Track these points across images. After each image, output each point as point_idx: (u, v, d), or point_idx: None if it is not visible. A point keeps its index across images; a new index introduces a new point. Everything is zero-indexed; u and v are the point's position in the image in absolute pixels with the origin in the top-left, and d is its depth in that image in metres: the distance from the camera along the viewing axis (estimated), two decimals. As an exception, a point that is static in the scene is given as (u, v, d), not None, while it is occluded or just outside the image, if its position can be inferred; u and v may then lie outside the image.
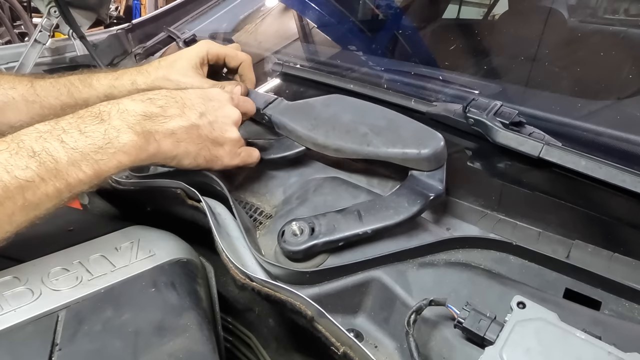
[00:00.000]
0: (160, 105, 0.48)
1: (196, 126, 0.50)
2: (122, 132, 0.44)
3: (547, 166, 0.51)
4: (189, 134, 0.49)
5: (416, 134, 0.52)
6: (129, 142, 0.44)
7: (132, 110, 0.46)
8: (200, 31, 1.03)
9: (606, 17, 0.95)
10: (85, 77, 0.63)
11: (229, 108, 0.54)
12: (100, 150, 0.42)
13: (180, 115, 0.49)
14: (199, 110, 0.51)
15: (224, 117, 0.53)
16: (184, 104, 0.50)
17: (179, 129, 0.48)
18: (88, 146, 0.42)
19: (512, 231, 0.50)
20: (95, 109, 0.45)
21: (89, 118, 0.44)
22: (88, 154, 0.42)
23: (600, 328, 0.35)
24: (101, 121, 0.44)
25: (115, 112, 0.45)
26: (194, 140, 0.50)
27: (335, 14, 1.11)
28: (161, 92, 0.50)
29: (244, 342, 0.56)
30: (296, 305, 0.40)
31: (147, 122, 0.46)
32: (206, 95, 0.53)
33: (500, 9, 1.16)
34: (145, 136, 0.46)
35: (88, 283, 0.43)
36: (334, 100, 0.61)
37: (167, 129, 0.47)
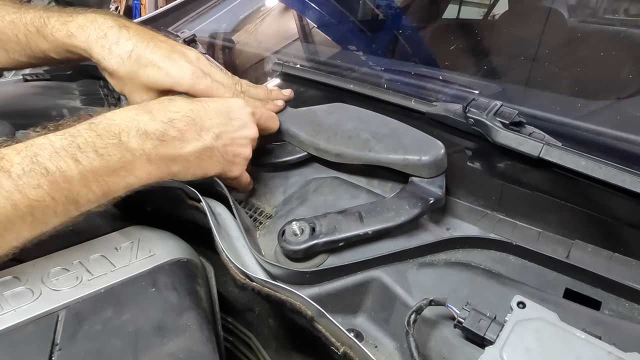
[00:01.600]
0: (180, 128, 0.47)
1: (209, 149, 0.49)
2: (137, 157, 0.43)
3: (547, 166, 0.52)
4: (200, 157, 0.48)
5: (417, 142, 0.53)
6: (142, 168, 0.44)
7: (151, 132, 0.45)
8: (200, 31, 1.03)
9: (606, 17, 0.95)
10: (41, 26, 0.57)
11: (249, 128, 0.52)
12: (113, 173, 0.42)
13: (196, 139, 0.48)
14: (216, 131, 0.49)
15: (241, 139, 0.52)
16: (202, 127, 0.49)
17: (192, 154, 0.48)
18: (102, 168, 0.41)
19: (512, 231, 0.50)
20: (115, 127, 0.43)
21: (107, 137, 0.42)
22: (101, 176, 0.41)
23: (600, 328, 0.35)
24: (119, 142, 0.43)
25: (135, 133, 0.44)
26: (204, 161, 0.49)
27: (335, 14, 1.11)
28: (182, 109, 0.48)
29: (244, 342, 0.56)
30: (296, 305, 0.40)
31: (163, 147, 0.45)
32: (228, 112, 0.51)
33: (500, 9, 1.16)
34: (159, 164, 0.45)
35: (88, 283, 0.43)
36: (337, 109, 0.61)
37: (180, 156, 0.47)
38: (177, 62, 0.55)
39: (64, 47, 0.57)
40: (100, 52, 0.55)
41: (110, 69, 0.55)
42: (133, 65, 0.54)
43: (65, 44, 0.56)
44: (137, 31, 0.56)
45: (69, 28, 0.56)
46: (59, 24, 0.56)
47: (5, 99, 0.77)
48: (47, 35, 0.56)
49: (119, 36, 0.55)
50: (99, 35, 0.55)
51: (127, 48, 0.54)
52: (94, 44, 0.55)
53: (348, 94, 0.73)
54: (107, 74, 0.57)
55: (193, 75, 0.55)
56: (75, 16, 0.56)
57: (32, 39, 0.58)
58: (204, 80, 0.56)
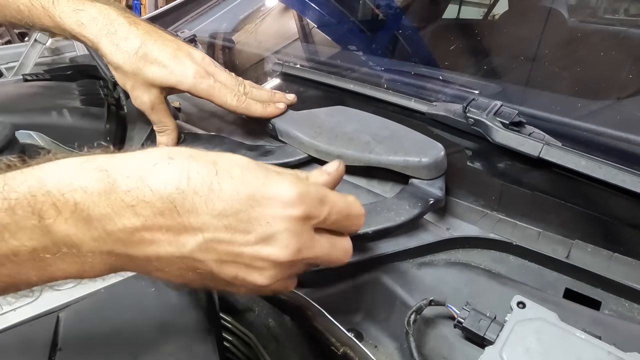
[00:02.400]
0: (145, 215, 0.28)
1: (188, 258, 0.30)
2: (71, 249, 0.28)
3: (547, 166, 0.51)
4: (171, 265, 0.31)
5: (418, 144, 0.53)
6: (69, 261, 0.28)
7: (96, 218, 0.28)
8: (200, 31, 1.03)
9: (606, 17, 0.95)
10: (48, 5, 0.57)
11: (280, 244, 0.30)
12: (35, 263, 0.28)
13: (169, 242, 0.29)
14: (208, 235, 0.29)
15: (255, 260, 0.30)
16: (188, 223, 0.29)
17: (155, 258, 0.30)
18: (15, 259, 0.27)
19: (512, 231, 0.50)
20: (41, 197, 0.27)
21: (23, 212, 0.27)
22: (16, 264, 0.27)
23: (600, 328, 0.35)
24: (37, 225, 0.27)
25: (68, 214, 0.27)
26: (181, 270, 0.31)
27: (335, 14, 1.11)
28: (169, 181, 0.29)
29: (244, 342, 0.56)
30: (296, 305, 0.40)
31: (108, 240, 0.28)
32: (250, 204, 0.30)
33: (500, 9, 1.17)
34: (105, 258, 0.29)
35: (88, 283, 0.43)
36: (338, 111, 0.62)
37: (135, 257, 0.30)
38: (182, 60, 0.56)
39: (70, 33, 0.58)
40: (108, 46, 0.56)
41: (116, 64, 0.56)
42: (139, 62, 0.55)
43: (73, 30, 0.57)
44: (145, 29, 0.57)
45: (80, 18, 0.56)
46: (70, 10, 0.57)
47: (5, 99, 0.77)
48: (54, 16, 0.57)
49: (129, 33, 0.56)
50: (110, 31, 0.56)
51: (135, 45, 0.55)
52: (104, 38, 0.56)
53: (348, 94, 0.73)
54: (112, 68, 0.58)
55: (196, 75, 0.56)
56: (87, 6, 0.57)
57: (35, 14, 0.58)
58: (206, 80, 0.57)
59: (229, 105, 0.58)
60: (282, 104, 0.62)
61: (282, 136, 0.61)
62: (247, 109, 0.59)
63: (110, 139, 0.76)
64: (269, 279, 0.31)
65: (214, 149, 0.60)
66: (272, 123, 0.61)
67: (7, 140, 0.59)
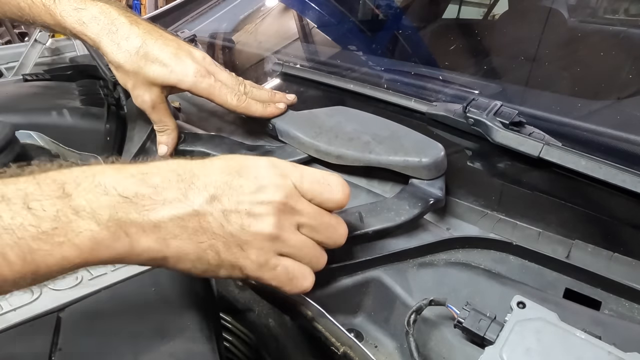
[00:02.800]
0: (154, 184, 0.33)
1: (198, 214, 0.33)
2: (81, 216, 0.30)
3: (547, 166, 0.51)
4: (185, 227, 0.33)
5: (418, 144, 0.53)
6: (85, 232, 0.30)
7: (110, 186, 0.32)
8: (200, 31, 1.03)
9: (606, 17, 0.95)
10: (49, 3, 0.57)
11: (271, 190, 0.35)
12: (41, 236, 0.29)
13: (179, 199, 0.33)
14: (212, 191, 0.34)
15: (254, 204, 0.35)
16: (192, 184, 0.34)
17: (169, 220, 0.33)
18: (27, 228, 0.29)
19: (512, 231, 0.50)
20: (61, 176, 0.31)
21: (47, 186, 0.30)
22: (23, 238, 0.28)
23: (600, 328, 0.35)
24: (61, 195, 0.30)
25: (87, 184, 0.31)
26: (193, 236, 0.34)
27: (335, 14, 1.11)
28: (166, 165, 0.35)
29: (244, 342, 0.56)
30: (296, 305, 0.40)
31: (123, 206, 0.31)
32: (239, 170, 0.36)
33: (500, 9, 1.17)
34: (113, 228, 0.31)
35: (88, 283, 0.43)
36: (338, 111, 0.62)
37: (148, 221, 0.32)
38: (183, 59, 0.56)
39: (71, 31, 0.58)
40: (109, 45, 0.56)
41: (117, 63, 0.56)
42: (140, 61, 0.55)
43: (74, 29, 0.57)
44: (146, 28, 0.57)
45: (82, 17, 0.57)
46: (71, 9, 0.57)
47: (5, 99, 0.77)
48: (55, 14, 0.57)
49: (130, 32, 0.56)
50: (111, 30, 0.56)
51: (136, 44, 0.55)
52: (105, 37, 0.56)
53: (348, 94, 0.73)
54: (113, 67, 0.58)
55: (196, 74, 0.56)
56: (88, 5, 0.57)
57: (36, 11, 0.59)
58: (206, 79, 0.57)
59: (229, 105, 0.58)
60: (282, 104, 0.62)
61: (282, 136, 0.61)
62: (247, 108, 0.59)
63: (110, 139, 0.76)
64: (272, 225, 0.35)
65: (214, 149, 0.61)
66: (272, 123, 0.61)
67: (7, 140, 0.59)
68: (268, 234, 0.35)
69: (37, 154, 0.69)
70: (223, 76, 0.59)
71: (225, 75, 0.59)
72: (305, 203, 0.37)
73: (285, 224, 0.36)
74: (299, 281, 0.37)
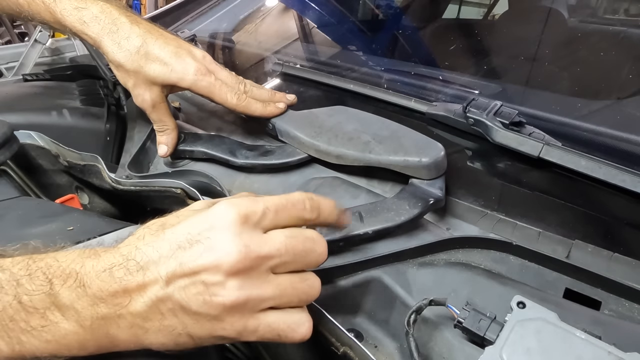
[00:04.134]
0: (120, 277, 0.31)
1: (158, 303, 0.31)
2: (67, 317, 0.31)
3: (547, 166, 0.51)
4: (151, 320, 0.32)
5: (418, 144, 0.53)
6: (71, 335, 0.31)
7: (88, 285, 0.31)
8: (200, 31, 1.03)
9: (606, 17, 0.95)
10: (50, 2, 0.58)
11: (222, 250, 0.31)
12: (31, 332, 0.30)
13: (139, 293, 0.31)
14: (163, 273, 0.31)
15: (207, 274, 0.31)
16: (147, 270, 0.32)
17: (137, 315, 0.31)
18: (19, 322, 0.30)
19: (512, 231, 0.50)
20: (51, 269, 0.31)
21: (37, 279, 0.31)
22: (14, 331, 0.30)
23: (600, 328, 0.35)
24: (49, 292, 0.30)
25: (71, 282, 0.31)
26: (162, 325, 0.32)
27: (335, 14, 1.11)
28: (130, 243, 0.33)
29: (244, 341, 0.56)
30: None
31: (101, 307, 0.31)
32: (190, 237, 0.32)
33: (500, 9, 1.16)
34: (96, 330, 0.31)
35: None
36: (338, 111, 0.62)
37: (122, 319, 0.31)
38: (183, 58, 0.57)
39: (71, 30, 0.58)
40: (110, 45, 0.56)
41: (118, 62, 0.56)
42: (140, 60, 0.55)
43: (74, 28, 0.57)
44: (147, 28, 0.57)
45: (82, 16, 0.57)
46: (72, 7, 0.57)
47: (5, 99, 0.77)
48: (55, 13, 0.58)
49: (130, 32, 0.56)
50: (112, 30, 0.56)
51: (136, 44, 0.56)
52: (105, 36, 0.56)
53: (348, 94, 0.73)
54: (113, 67, 0.58)
55: (197, 72, 0.56)
56: (89, 4, 0.57)
57: (35, 9, 0.59)
58: (207, 78, 0.57)
59: (229, 104, 0.58)
60: (282, 103, 0.62)
61: (282, 136, 0.61)
62: (247, 107, 0.59)
63: (110, 139, 0.76)
64: (235, 290, 0.31)
65: (214, 149, 0.61)
66: (272, 123, 0.61)
67: (5, 138, 0.59)
68: (233, 302, 0.31)
69: (37, 154, 0.69)
70: (223, 75, 0.59)
71: (225, 74, 0.60)
72: (273, 239, 0.33)
73: (251, 280, 0.32)
74: (289, 331, 0.34)
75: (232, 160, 0.59)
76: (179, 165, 0.65)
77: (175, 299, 0.31)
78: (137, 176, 0.61)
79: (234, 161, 0.59)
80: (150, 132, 0.68)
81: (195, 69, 0.56)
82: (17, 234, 0.49)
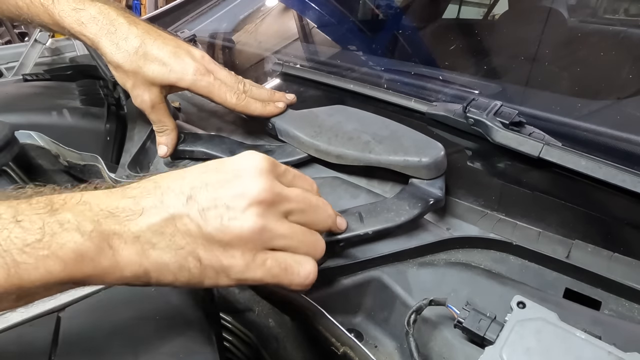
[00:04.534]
0: (133, 195, 0.32)
1: (174, 218, 0.32)
2: (65, 228, 0.30)
3: (547, 166, 0.51)
4: (162, 234, 0.32)
5: (418, 143, 0.53)
6: (68, 244, 0.29)
7: (94, 203, 0.32)
8: (200, 31, 1.03)
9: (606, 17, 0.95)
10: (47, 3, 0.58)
11: (250, 182, 0.33)
12: (26, 249, 0.28)
13: (155, 206, 0.32)
14: (187, 191, 0.33)
15: (233, 198, 0.32)
16: (168, 188, 0.33)
17: (147, 229, 0.31)
18: (14, 240, 0.28)
19: (512, 231, 0.50)
20: (52, 196, 0.32)
21: (37, 203, 0.31)
22: (9, 251, 0.28)
23: (600, 328, 0.35)
24: (49, 211, 0.30)
25: (74, 201, 0.31)
26: (171, 242, 0.32)
27: (335, 14, 1.11)
28: (146, 181, 0.34)
29: (244, 342, 0.56)
30: (296, 305, 0.40)
31: (106, 220, 0.31)
32: (217, 168, 0.35)
33: (500, 9, 1.16)
34: (96, 239, 0.30)
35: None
36: (338, 111, 0.61)
37: (128, 231, 0.31)
38: (182, 58, 0.57)
39: (69, 31, 0.58)
40: (108, 45, 0.56)
41: (116, 63, 0.56)
42: (139, 60, 0.55)
43: (72, 29, 0.57)
44: (145, 28, 0.57)
45: (81, 17, 0.57)
46: (70, 9, 0.57)
47: (5, 99, 0.77)
48: (53, 14, 0.58)
49: (129, 32, 0.56)
50: (110, 31, 0.56)
51: (135, 44, 0.56)
52: (104, 37, 0.56)
53: (348, 94, 0.73)
54: (112, 67, 0.58)
55: (196, 72, 0.56)
56: (87, 5, 0.57)
57: (34, 11, 0.59)
58: (206, 77, 0.57)
59: (229, 103, 0.58)
60: (282, 103, 0.62)
61: (282, 135, 0.61)
62: (246, 107, 0.59)
63: (110, 139, 0.76)
64: (255, 216, 0.33)
65: (214, 148, 0.61)
66: (271, 122, 0.61)
67: (7, 140, 0.59)
68: (251, 227, 0.32)
69: (37, 154, 0.69)
70: (222, 74, 0.59)
71: (224, 74, 0.60)
72: (292, 189, 0.36)
73: (270, 214, 0.34)
74: (295, 269, 0.34)
75: (232, 160, 0.59)
76: (179, 165, 0.65)
77: (193, 216, 0.32)
78: (137, 176, 0.61)
79: (234, 161, 0.59)
80: (150, 132, 0.68)
81: (195, 69, 0.56)
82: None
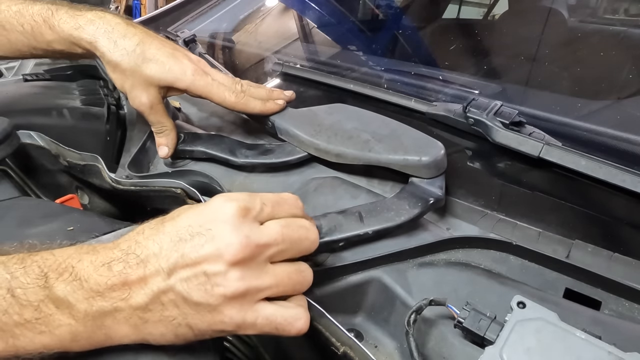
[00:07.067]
0: (119, 271, 0.32)
1: (159, 295, 0.32)
2: (61, 309, 0.31)
3: (547, 166, 0.51)
4: (152, 310, 0.32)
5: (417, 142, 0.53)
6: (64, 327, 0.31)
7: (84, 279, 0.32)
8: (200, 31, 1.03)
9: (606, 17, 0.95)
10: (48, 17, 0.58)
11: (224, 239, 0.32)
12: (25, 325, 0.30)
13: (140, 285, 0.32)
14: (164, 265, 0.32)
15: (209, 264, 0.32)
16: (148, 263, 0.32)
17: (137, 307, 0.32)
18: (12, 315, 0.30)
19: (512, 231, 0.50)
20: (47, 262, 0.32)
21: (32, 272, 0.31)
22: (7, 324, 0.30)
23: (600, 328, 0.35)
24: (44, 285, 0.31)
25: (66, 276, 0.32)
26: (162, 316, 0.32)
27: (335, 14, 1.11)
28: (129, 238, 0.34)
29: (244, 342, 0.56)
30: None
31: (97, 300, 0.31)
32: (190, 228, 0.33)
33: (500, 9, 1.16)
34: (89, 323, 0.31)
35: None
36: (337, 109, 0.61)
37: (120, 311, 0.32)
38: (180, 59, 0.57)
39: (69, 40, 0.58)
40: (106, 44, 0.56)
41: (114, 62, 0.56)
42: (137, 59, 0.55)
43: (71, 35, 0.57)
44: (143, 30, 0.58)
45: (78, 21, 0.57)
46: (68, 16, 0.57)
47: (5, 99, 0.77)
48: (54, 26, 0.57)
49: (126, 31, 0.56)
50: (107, 30, 0.56)
51: (133, 42, 0.56)
52: (101, 36, 0.56)
53: (348, 94, 0.73)
54: (110, 68, 0.58)
55: (194, 73, 0.57)
56: (85, 12, 0.58)
57: (38, 30, 0.58)
58: (204, 78, 0.57)
59: (228, 103, 0.58)
60: (281, 100, 0.62)
61: (282, 134, 0.61)
62: (246, 105, 0.59)
63: (110, 139, 0.76)
64: (236, 281, 0.32)
65: (213, 148, 0.61)
66: (271, 121, 0.61)
67: (5, 134, 0.59)
68: (234, 293, 0.32)
69: (37, 154, 0.69)
70: (219, 76, 0.60)
71: (221, 75, 0.60)
72: (270, 229, 0.35)
73: (250, 270, 0.33)
74: (287, 327, 0.34)
75: (232, 160, 0.59)
76: (179, 165, 0.65)
77: (177, 290, 0.32)
78: (137, 176, 0.61)
79: (234, 160, 0.59)
80: (150, 132, 0.68)
81: (193, 70, 0.57)
82: (17, 233, 0.49)
